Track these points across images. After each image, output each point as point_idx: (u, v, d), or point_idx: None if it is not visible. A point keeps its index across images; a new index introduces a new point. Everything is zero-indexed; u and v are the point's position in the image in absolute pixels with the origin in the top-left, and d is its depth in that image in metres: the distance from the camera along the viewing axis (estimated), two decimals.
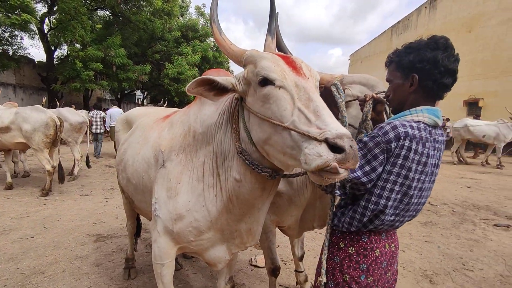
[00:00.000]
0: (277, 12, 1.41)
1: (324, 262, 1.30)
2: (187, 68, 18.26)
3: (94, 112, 10.08)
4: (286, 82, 1.07)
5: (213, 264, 1.60)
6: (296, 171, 1.45)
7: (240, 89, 1.21)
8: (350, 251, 1.26)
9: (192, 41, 19.90)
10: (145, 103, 30.53)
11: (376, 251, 1.25)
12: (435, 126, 1.22)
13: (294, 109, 1.02)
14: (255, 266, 2.95)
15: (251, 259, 3.06)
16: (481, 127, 9.63)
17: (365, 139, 1.19)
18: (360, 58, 22.35)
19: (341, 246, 1.29)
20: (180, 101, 19.46)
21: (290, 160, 1.04)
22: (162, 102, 11.54)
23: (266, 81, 1.09)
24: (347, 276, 1.25)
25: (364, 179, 1.14)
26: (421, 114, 1.20)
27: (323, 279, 1.28)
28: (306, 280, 2.54)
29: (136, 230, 2.88)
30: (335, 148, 0.88)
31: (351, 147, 0.88)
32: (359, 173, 1.14)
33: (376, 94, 1.38)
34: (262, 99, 1.10)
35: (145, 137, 1.80)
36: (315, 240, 3.66)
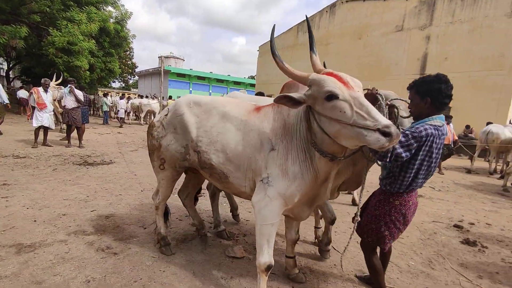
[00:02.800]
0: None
1: (359, 207, 2.22)
2: (81, 39, 15.40)
3: None
4: (345, 95, 1.62)
5: (300, 218, 2.29)
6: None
7: (309, 102, 1.77)
8: (396, 203, 2.03)
9: (86, 7, 16.82)
10: (11, 76, 24.31)
11: (410, 202, 2.04)
12: (441, 125, 1.91)
13: (353, 112, 1.59)
14: (233, 257, 2.86)
15: (227, 249, 2.94)
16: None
17: (407, 132, 1.84)
18: (269, 51, 23.47)
19: (391, 200, 2.04)
20: (72, 76, 16.34)
21: (355, 142, 1.64)
22: (54, 77, 9.44)
23: (332, 97, 1.63)
24: (393, 217, 2.04)
25: (403, 155, 1.81)
26: (435, 120, 1.90)
27: (358, 218, 2.18)
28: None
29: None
30: (384, 133, 1.49)
31: (395, 132, 1.48)
32: (401, 150, 1.80)
33: (390, 100, 2.06)
34: (330, 108, 1.66)
35: (246, 125, 2.16)
36: None
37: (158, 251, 2.85)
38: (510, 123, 9.96)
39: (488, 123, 9.17)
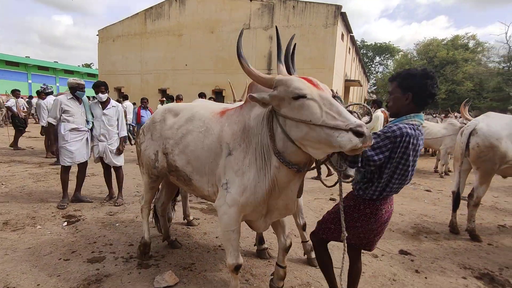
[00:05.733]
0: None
1: (343, 221, 1.75)
2: None
3: None
4: (313, 95, 1.52)
5: (257, 229, 2.23)
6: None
7: (273, 103, 1.65)
8: (366, 211, 1.81)
9: None
10: None
11: (382, 211, 1.82)
12: (419, 125, 1.76)
13: (322, 112, 1.47)
14: (167, 287, 2.39)
15: (155, 280, 2.42)
16: None
17: (379, 133, 1.69)
18: (112, 37, 20.52)
19: (361, 207, 1.82)
20: None
21: (325, 147, 1.49)
22: None
23: (299, 96, 1.52)
24: (358, 224, 1.83)
25: (375, 158, 1.64)
26: (413, 119, 1.74)
27: (345, 233, 1.76)
28: (312, 250, 2.84)
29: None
30: (357, 133, 1.35)
31: (368, 132, 1.37)
32: (373, 153, 1.64)
33: (347, 106, 1.87)
34: (297, 108, 1.53)
35: (207, 128, 2.12)
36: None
37: None
38: None
39: None
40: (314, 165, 1.78)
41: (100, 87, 4.24)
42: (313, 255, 2.92)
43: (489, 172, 3.54)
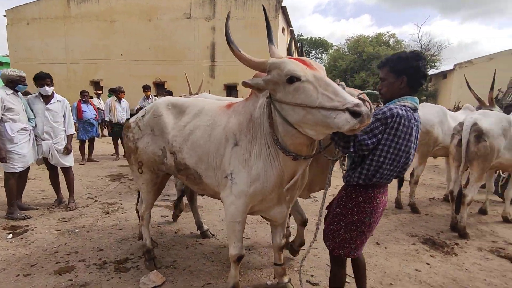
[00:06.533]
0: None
1: (321, 210, 1.90)
2: None
3: None
4: (307, 76, 1.49)
5: (274, 220, 2.14)
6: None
7: (268, 88, 1.63)
8: (359, 200, 1.71)
9: None
10: None
11: (377, 200, 1.71)
12: (414, 109, 1.70)
13: (318, 94, 1.44)
14: (154, 287, 2.31)
15: (141, 281, 2.32)
16: None
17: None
18: (26, 19, 17.68)
19: (353, 196, 1.73)
20: None
21: (323, 129, 1.48)
22: None
23: (293, 79, 1.50)
24: (355, 217, 1.71)
25: (368, 142, 1.58)
26: (405, 101, 1.69)
27: (321, 222, 1.88)
28: (290, 235, 3.04)
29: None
30: (354, 113, 1.32)
31: (365, 111, 1.33)
32: (365, 137, 1.58)
33: (358, 95, 1.87)
34: (292, 92, 1.51)
35: (214, 121, 2.07)
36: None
37: None
38: None
39: None
40: (313, 154, 1.77)
41: (45, 79, 3.74)
42: (290, 239, 3.10)
43: (426, 154, 4.18)
